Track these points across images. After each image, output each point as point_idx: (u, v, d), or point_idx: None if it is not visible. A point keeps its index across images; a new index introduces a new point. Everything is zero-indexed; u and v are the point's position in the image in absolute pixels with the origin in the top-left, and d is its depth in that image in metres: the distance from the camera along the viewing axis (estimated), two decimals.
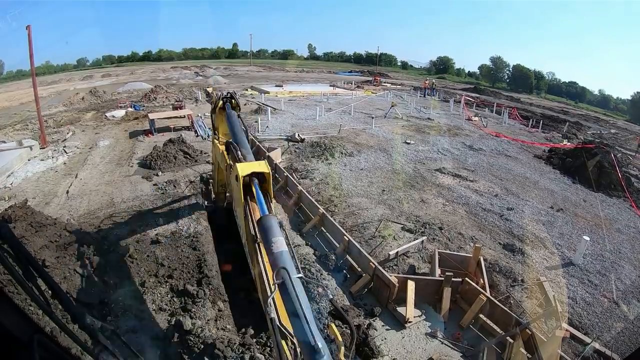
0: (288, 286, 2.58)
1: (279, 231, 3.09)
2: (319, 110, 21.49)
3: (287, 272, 2.65)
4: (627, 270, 8.02)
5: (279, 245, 2.95)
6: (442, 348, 5.52)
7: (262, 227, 3.17)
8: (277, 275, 2.66)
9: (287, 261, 2.82)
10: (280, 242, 2.97)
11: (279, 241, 2.97)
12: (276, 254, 2.88)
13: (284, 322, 2.58)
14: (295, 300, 2.49)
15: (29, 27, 13.53)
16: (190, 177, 11.00)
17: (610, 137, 27.85)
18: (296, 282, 2.64)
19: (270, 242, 2.99)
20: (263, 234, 3.13)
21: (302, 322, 2.39)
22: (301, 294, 2.58)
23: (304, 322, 2.38)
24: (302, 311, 2.44)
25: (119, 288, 5.99)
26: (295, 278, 2.67)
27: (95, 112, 21.70)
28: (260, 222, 3.25)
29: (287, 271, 2.66)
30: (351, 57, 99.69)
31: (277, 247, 2.93)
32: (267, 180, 3.87)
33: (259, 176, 3.85)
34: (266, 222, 3.19)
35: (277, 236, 3.02)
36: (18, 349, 1.21)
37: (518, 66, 78.30)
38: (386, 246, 7.92)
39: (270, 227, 3.12)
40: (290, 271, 2.69)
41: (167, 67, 66.03)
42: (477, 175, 13.27)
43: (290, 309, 2.53)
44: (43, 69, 58.46)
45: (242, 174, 3.72)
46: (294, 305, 2.48)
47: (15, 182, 10.83)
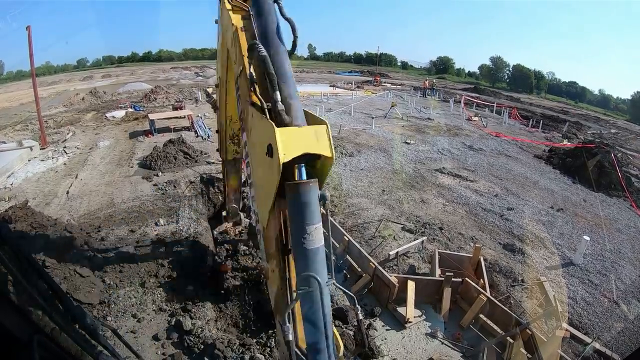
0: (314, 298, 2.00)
1: (318, 214, 2.08)
2: (319, 110, 21.48)
3: (318, 281, 1.99)
4: (628, 270, 8.02)
5: (315, 237, 2.04)
6: (442, 348, 5.52)
7: (296, 203, 2.06)
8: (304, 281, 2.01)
9: (320, 264, 2.05)
10: (317, 233, 2.05)
11: (315, 232, 2.04)
12: (309, 252, 2.03)
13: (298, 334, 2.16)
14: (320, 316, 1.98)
15: (29, 27, 13.55)
16: (190, 178, 11.00)
17: (611, 137, 27.83)
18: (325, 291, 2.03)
19: (303, 232, 2.03)
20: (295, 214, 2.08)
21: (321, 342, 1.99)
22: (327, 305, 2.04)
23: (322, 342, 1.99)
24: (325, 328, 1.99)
25: (119, 288, 5.99)
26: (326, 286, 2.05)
27: (95, 112, 21.72)
28: (294, 194, 2.06)
29: (319, 280, 1.99)
30: (351, 57, 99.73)
31: (312, 242, 2.03)
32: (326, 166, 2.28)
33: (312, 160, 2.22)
34: (304, 195, 2.05)
35: (315, 223, 2.04)
36: (18, 349, 1.22)
37: (518, 66, 78.32)
38: (386, 246, 7.92)
39: (308, 204, 2.04)
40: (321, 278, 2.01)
41: (167, 67, 66.05)
42: (477, 175, 13.27)
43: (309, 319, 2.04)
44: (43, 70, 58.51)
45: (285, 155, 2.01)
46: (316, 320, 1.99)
47: (16, 182, 10.83)
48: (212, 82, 39.32)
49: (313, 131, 2.14)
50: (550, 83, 76.27)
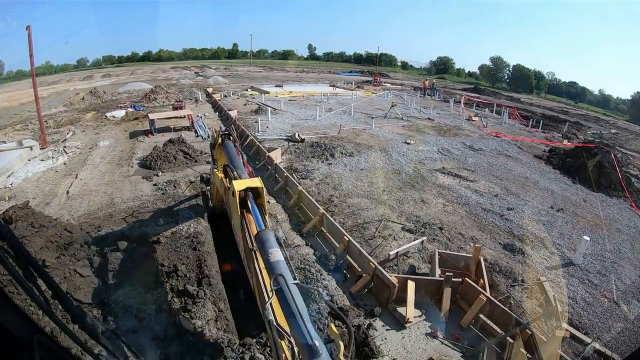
0: (285, 292, 2.72)
1: (275, 243, 3.31)
2: (319, 110, 21.50)
3: (284, 279, 2.82)
4: (627, 270, 8.02)
5: (275, 255, 3.16)
6: (442, 348, 5.52)
7: (260, 241, 3.39)
8: (275, 281, 2.82)
9: (283, 269, 2.99)
10: (276, 252, 3.18)
11: (275, 252, 3.19)
12: (273, 263, 3.08)
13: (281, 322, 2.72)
14: (292, 304, 2.62)
15: (29, 27, 13.54)
16: (190, 178, 11.00)
17: (611, 137, 27.84)
18: (293, 288, 2.78)
19: (267, 253, 3.19)
20: (260, 247, 3.34)
21: (299, 323, 2.49)
22: (298, 298, 2.71)
23: (300, 323, 2.48)
24: (299, 313, 2.55)
25: (119, 288, 5.99)
26: (292, 284, 2.82)
27: (95, 112, 21.71)
28: (258, 237, 3.46)
29: (284, 278, 2.83)
30: (351, 57, 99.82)
31: (274, 257, 3.14)
32: (261, 194, 4.25)
33: (254, 191, 4.23)
34: (263, 236, 3.42)
35: (273, 247, 3.23)
36: (18, 349, 1.22)
37: (518, 66, 78.38)
38: (386, 246, 7.92)
39: (267, 240, 3.35)
40: (287, 278, 2.85)
41: (167, 67, 66.09)
42: (477, 175, 13.27)
43: (287, 313, 2.64)
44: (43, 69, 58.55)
45: (238, 189, 4.14)
46: (291, 308, 2.60)
47: (16, 182, 10.83)
48: (211, 82, 39.37)
49: (251, 179, 4.44)
50: (550, 83, 76.32)
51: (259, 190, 4.24)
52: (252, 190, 4.24)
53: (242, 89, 33.74)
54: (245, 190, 4.20)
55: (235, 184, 4.19)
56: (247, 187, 4.20)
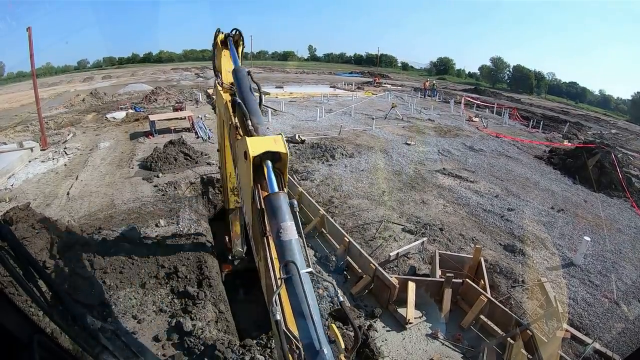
0: (295, 283, 2.33)
1: (289, 215, 2.65)
2: (320, 111, 21.51)
3: (296, 266, 2.36)
4: (628, 271, 8.01)
5: (288, 232, 2.55)
6: (443, 349, 5.52)
7: (270, 208, 2.72)
8: (285, 269, 2.39)
9: (296, 252, 2.48)
10: (290, 228, 2.57)
11: (288, 227, 2.57)
12: (285, 243, 2.51)
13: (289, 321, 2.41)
14: (303, 299, 2.28)
15: (29, 28, 13.58)
16: (190, 179, 11.01)
17: (611, 137, 27.82)
18: (305, 278, 2.37)
19: (278, 227, 2.58)
20: (270, 216, 2.69)
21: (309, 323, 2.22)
22: (309, 291, 2.34)
23: (310, 324, 2.22)
24: (310, 312, 2.25)
25: (119, 289, 5.99)
26: (304, 273, 2.38)
27: (95, 113, 21.75)
28: (268, 201, 2.75)
29: (296, 265, 2.37)
30: (351, 58, 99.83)
31: (286, 234, 2.54)
32: (283, 161, 3.18)
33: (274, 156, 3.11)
34: (275, 201, 2.71)
35: (286, 221, 2.60)
36: (18, 349, 1.22)
37: (518, 67, 78.32)
38: (387, 247, 7.92)
39: (279, 208, 2.66)
40: (299, 265, 2.39)
41: (168, 68, 66.18)
42: (478, 176, 13.27)
43: (296, 308, 2.33)
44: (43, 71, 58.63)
45: (253, 152, 2.96)
46: (301, 304, 2.28)
47: (16, 183, 10.85)
48: (212, 84, 39.37)
49: (272, 138, 3.08)
50: (550, 84, 76.27)
51: (282, 156, 3.14)
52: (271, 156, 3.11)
53: None
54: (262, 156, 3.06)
55: (250, 144, 2.99)
56: (267, 151, 3.04)
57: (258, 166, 3.02)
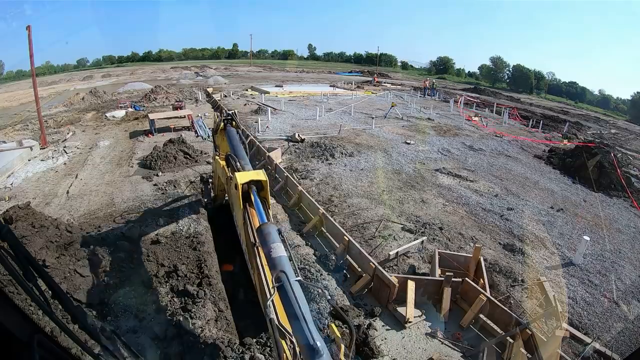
0: (287, 289, 2.65)
1: (277, 237, 3.19)
2: (319, 110, 21.49)
3: (286, 276, 2.74)
4: (628, 270, 8.02)
5: (277, 250, 3.04)
6: (442, 348, 5.52)
7: (261, 234, 3.28)
8: (276, 278, 2.74)
9: (285, 265, 2.90)
10: (279, 247, 3.07)
11: (277, 247, 3.08)
12: (275, 259, 2.97)
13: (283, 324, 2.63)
14: (294, 302, 2.56)
15: (29, 27, 13.55)
16: (190, 177, 11.01)
17: (611, 137, 27.84)
18: (295, 285, 2.71)
19: (269, 248, 3.08)
20: (262, 241, 3.22)
21: (301, 322, 2.45)
22: (300, 296, 2.64)
23: (302, 322, 2.44)
24: (301, 312, 2.50)
25: (119, 288, 5.99)
26: (294, 281, 2.74)
27: (95, 112, 21.73)
28: (260, 230, 3.36)
29: (286, 274, 2.75)
30: (351, 57, 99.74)
31: (276, 252, 3.02)
32: (265, 188, 4.06)
33: (257, 184, 4.04)
34: (265, 229, 3.31)
35: (275, 242, 3.12)
36: (18, 348, 1.22)
37: (518, 66, 78.31)
38: (386, 246, 7.92)
39: (269, 233, 3.23)
40: (289, 275, 2.76)
41: (167, 67, 66.07)
42: (477, 175, 13.27)
43: (289, 311, 2.59)
44: (43, 69, 58.54)
45: (241, 182, 3.93)
46: (293, 307, 2.54)
47: (16, 182, 10.84)
48: (212, 82, 39.36)
49: (255, 172, 4.20)
50: (550, 83, 76.22)
51: (263, 184, 4.04)
52: (255, 184, 4.05)
53: (242, 89, 33.75)
54: (249, 183, 4.01)
55: (238, 177, 3.99)
56: (251, 180, 4.00)
57: (246, 193, 4.03)
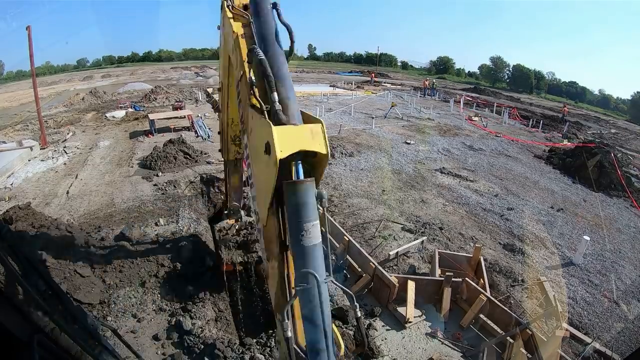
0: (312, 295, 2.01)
1: (315, 212, 2.12)
2: (319, 110, 21.50)
3: (316, 277, 2.01)
4: (628, 270, 8.02)
5: (312, 234, 2.08)
6: (442, 348, 5.52)
7: (294, 201, 2.11)
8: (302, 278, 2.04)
9: (318, 260, 2.08)
10: (314, 230, 2.09)
11: (312, 229, 2.08)
12: (306, 249, 2.07)
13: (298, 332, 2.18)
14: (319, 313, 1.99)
15: (29, 27, 13.56)
16: (190, 178, 11.01)
17: (611, 137, 27.83)
18: (323, 288, 2.04)
19: (301, 229, 2.07)
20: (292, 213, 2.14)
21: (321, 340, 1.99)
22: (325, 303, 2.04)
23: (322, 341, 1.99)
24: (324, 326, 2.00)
25: (119, 288, 5.99)
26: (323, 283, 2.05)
27: (95, 112, 21.72)
28: (292, 193, 2.11)
29: (316, 277, 2.01)
30: (351, 57, 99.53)
31: (310, 239, 2.07)
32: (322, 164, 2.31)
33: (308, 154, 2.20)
34: (300, 193, 2.10)
35: (312, 220, 2.09)
36: (18, 348, 1.22)
37: (518, 66, 78.18)
38: (386, 246, 7.92)
39: (305, 203, 2.10)
40: (319, 274, 2.03)
41: (167, 67, 66.00)
42: (477, 175, 13.27)
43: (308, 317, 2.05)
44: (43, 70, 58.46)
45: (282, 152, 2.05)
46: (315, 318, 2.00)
47: (16, 182, 10.84)
48: (212, 82, 39.31)
49: (309, 129, 2.17)
50: (550, 83, 76.11)
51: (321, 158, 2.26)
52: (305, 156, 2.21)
53: None
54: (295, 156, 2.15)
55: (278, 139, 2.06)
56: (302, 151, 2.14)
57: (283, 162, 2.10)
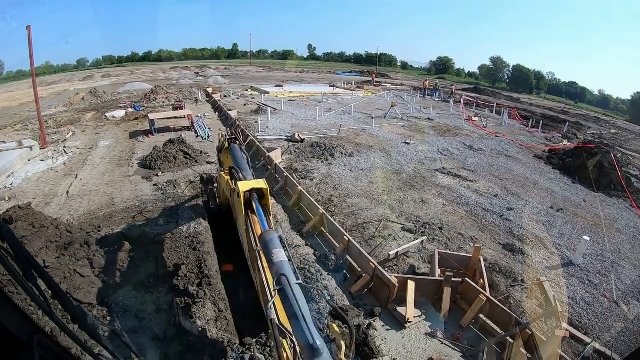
0: (287, 292, 2.74)
1: (279, 244, 3.32)
2: (319, 110, 21.50)
3: (287, 279, 2.83)
4: (627, 270, 8.02)
5: (279, 256, 3.17)
6: (442, 348, 5.52)
7: (263, 241, 3.40)
8: (278, 281, 2.85)
9: (286, 269, 3.01)
10: (280, 253, 3.20)
11: (279, 252, 3.20)
12: (277, 264, 3.10)
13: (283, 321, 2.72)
14: (295, 304, 2.64)
15: (29, 27, 13.55)
16: (190, 178, 11.01)
17: (611, 137, 27.83)
18: (295, 288, 2.80)
19: (271, 254, 3.21)
20: (264, 247, 3.35)
21: (301, 323, 2.51)
22: (300, 298, 2.73)
23: (302, 323, 2.51)
24: (301, 313, 2.57)
25: (119, 288, 5.99)
26: (295, 284, 2.84)
27: (95, 112, 21.72)
28: (262, 237, 3.49)
29: (287, 278, 2.84)
30: (351, 57, 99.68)
31: (277, 258, 3.15)
32: (266, 195, 4.34)
33: (259, 192, 4.33)
34: (267, 236, 3.44)
35: (277, 248, 3.25)
36: (18, 348, 1.22)
37: (518, 66, 78.26)
38: (386, 246, 7.92)
39: (271, 240, 3.35)
40: (289, 278, 2.86)
41: (167, 67, 66.04)
42: (477, 175, 13.27)
43: (290, 312, 2.67)
44: (43, 70, 58.50)
45: (243, 190, 4.23)
46: (293, 308, 2.62)
47: (16, 182, 10.84)
48: (212, 82, 39.35)
49: (256, 181, 4.54)
50: (550, 83, 76.18)
51: (264, 192, 4.34)
52: (256, 192, 4.34)
53: (242, 89, 33.76)
54: (250, 192, 4.31)
55: (241, 185, 4.32)
56: (252, 188, 4.31)
57: (248, 201, 4.31)
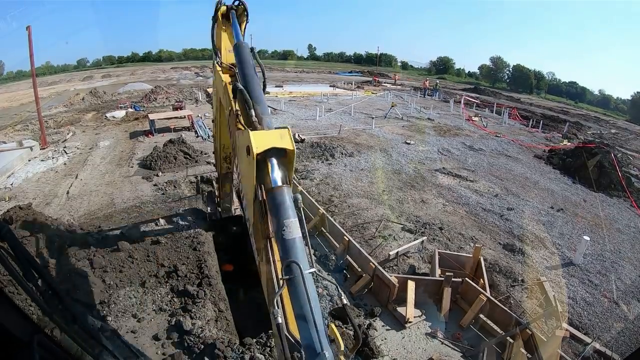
0: (298, 284, 2.22)
1: (293, 211, 2.48)
2: (319, 110, 21.50)
3: (299, 267, 2.24)
4: (627, 270, 8.02)
5: (291, 229, 2.40)
6: (442, 348, 5.52)
7: (273, 203, 2.52)
8: (287, 269, 2.27)
9: (299, 252, 2.37)
10: (293, 225, 2.42)
11: (291, 225, 2.41)
12: (288, 242, 2.38)
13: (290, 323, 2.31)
14: (305, 301, 2.18)
15: (29, 27, 13.56)
16: (190, 178, 11.01)
17: (611, 137, 27.83)
18: (307, 278, 2.25)
19: (282, 225, 2.41)
20: (273, 212, 2.51)
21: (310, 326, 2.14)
22: (312, 292, 2.24)
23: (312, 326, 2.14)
24: (312, 314, 2.16)
25: (119, 288, 5.99)
26: (307, 274, 2.26)
27: (95, 112, 21.72)
28: (271, 196, 2.54)
29: (299, 266, 2.25)
30: (351, 57, 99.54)
31: (290, 233, 2.39)
32: (289, 157, 2.74)
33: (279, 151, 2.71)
34: (278, 196, 2.50)
35: (290, 217, 2.43)
36: (18, 349, 1.22)
37: (518, 66, 78.19)
38: (386, 246, 7.92)
39: (283, 204, 2.48)
40: (302, 265, 2.26)
41: (167, 67, 65.97)
42: (477, 175, 13.27)
43: (297, 309, 2.24)
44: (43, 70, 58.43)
45: (257, 149, 2.57)
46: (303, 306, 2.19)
47: (16, 182, 10.84)
48: (212, 83, 39.28)
49: (278, 133, 2.69)
50: (550, 83, 76.13)
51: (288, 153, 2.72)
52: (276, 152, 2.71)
53: None
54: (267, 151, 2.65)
55: (254, 140, 2.58)
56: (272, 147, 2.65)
57: (261, 161, 2.63)
